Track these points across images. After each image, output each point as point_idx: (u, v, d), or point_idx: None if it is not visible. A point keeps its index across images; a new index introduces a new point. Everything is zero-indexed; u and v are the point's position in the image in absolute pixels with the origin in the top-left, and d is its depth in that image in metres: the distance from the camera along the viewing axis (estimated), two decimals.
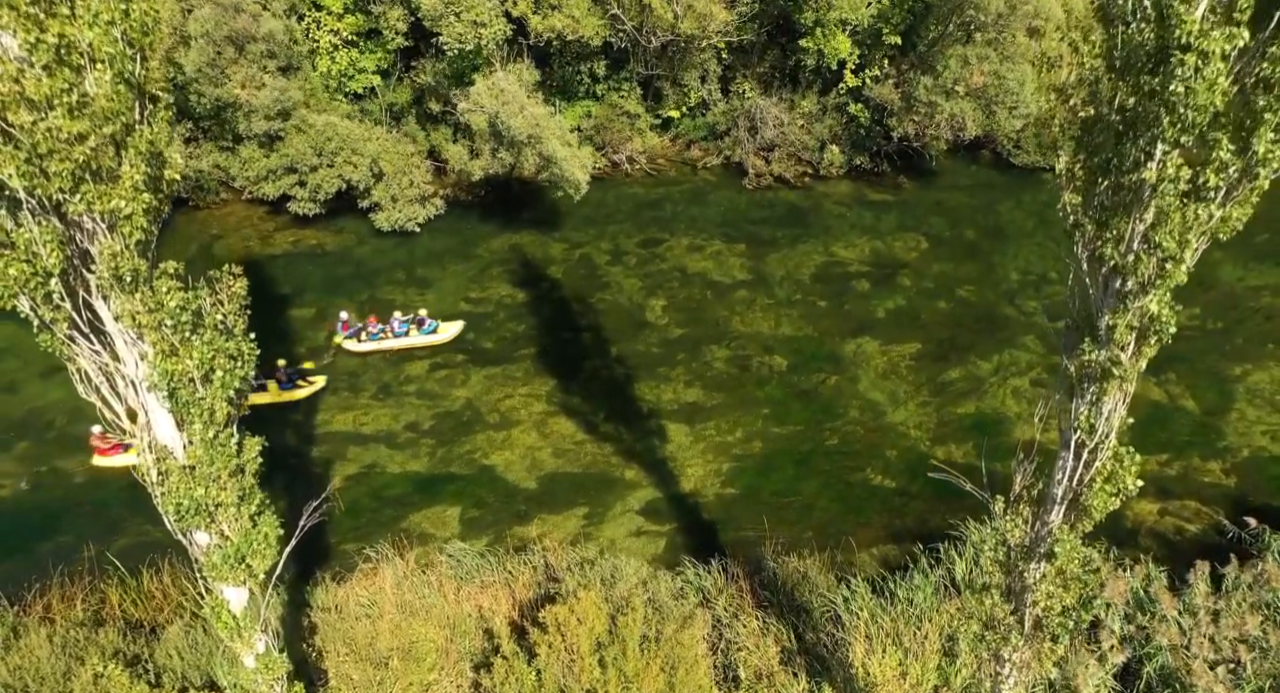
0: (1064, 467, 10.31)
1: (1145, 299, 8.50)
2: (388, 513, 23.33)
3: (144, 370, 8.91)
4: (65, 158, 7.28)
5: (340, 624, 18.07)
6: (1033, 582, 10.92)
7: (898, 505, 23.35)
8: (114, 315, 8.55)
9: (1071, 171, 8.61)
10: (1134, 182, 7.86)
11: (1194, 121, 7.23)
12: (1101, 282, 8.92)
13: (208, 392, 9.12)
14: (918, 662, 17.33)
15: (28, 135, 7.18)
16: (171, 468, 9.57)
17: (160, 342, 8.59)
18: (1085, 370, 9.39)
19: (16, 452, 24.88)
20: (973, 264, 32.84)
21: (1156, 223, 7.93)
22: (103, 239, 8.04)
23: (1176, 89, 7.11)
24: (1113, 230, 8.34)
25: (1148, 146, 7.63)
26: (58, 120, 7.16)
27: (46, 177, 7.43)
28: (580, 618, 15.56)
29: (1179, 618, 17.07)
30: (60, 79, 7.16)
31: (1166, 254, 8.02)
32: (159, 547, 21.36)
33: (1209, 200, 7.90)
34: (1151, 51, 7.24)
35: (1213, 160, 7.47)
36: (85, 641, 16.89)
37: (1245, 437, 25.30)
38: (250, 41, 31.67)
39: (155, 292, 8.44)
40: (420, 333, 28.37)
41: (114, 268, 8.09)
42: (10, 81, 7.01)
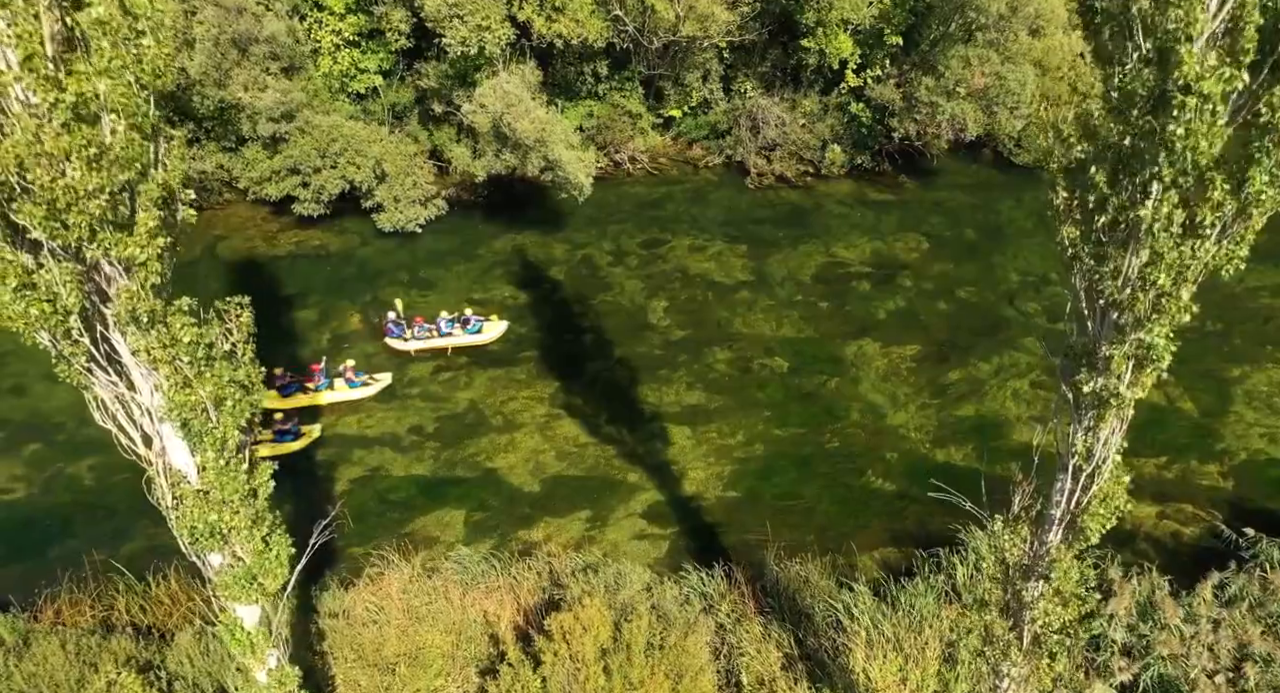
0: (1062, 489, 10.51)
1: (1143, 332, 8.68)
2: (393, 516, 23.54)
3: (158, 401, 9.10)
4: (82, 210, 7.46)
5: (348, 630, 18.30)
6: (1030, 600, 11.13)
7: (898, 509, 23.56)
8: (131, 350, 8.75)
9: (1069, 206, 8.78)
10: (1130, 219, 8.03)
11: (1193, 163, 7.38)
12: (1099, 313, 9.09)
13: (219, 421, 9.32)
14: (918, 668, 17.57)
15: (47, 191, 7.35)
16: (186, 493, 9.78)
17: (174, 375, 8.79)
18: (1083, 398, 9.58)
19: (25, 455, 25.07)
20: (973, 264, 33.00)
21: (1152, 260, 8.10)
22: (119, 280, 8.24)
23: (1176, 130, 7.26)
24: (1110, 265, 8.51)
25: (1144, 185, 7.80)
26: (75, 173, 7.32)
27: (65, 227, 7.62)
28: (585, 626, 15.78)
29: (1181, 627, 17.23)
30: (78, 135, 7.33)
31: (1162, 291, 8.20)
32: (165, 552, 21.44)
33: (1204, 237, 8.07)
34: (1151, 92, 7.38)
35: (1208, 199, 7.63)
36: (98, 647, 17.10)
37: (1243, 439, 25.51)
38: (253, 43, 31.76)
39: (170, 327, 8.64)
40: (465, 332, 28.66)
41: (131, 308, 8.28)
42: (31, 139, 7.17)
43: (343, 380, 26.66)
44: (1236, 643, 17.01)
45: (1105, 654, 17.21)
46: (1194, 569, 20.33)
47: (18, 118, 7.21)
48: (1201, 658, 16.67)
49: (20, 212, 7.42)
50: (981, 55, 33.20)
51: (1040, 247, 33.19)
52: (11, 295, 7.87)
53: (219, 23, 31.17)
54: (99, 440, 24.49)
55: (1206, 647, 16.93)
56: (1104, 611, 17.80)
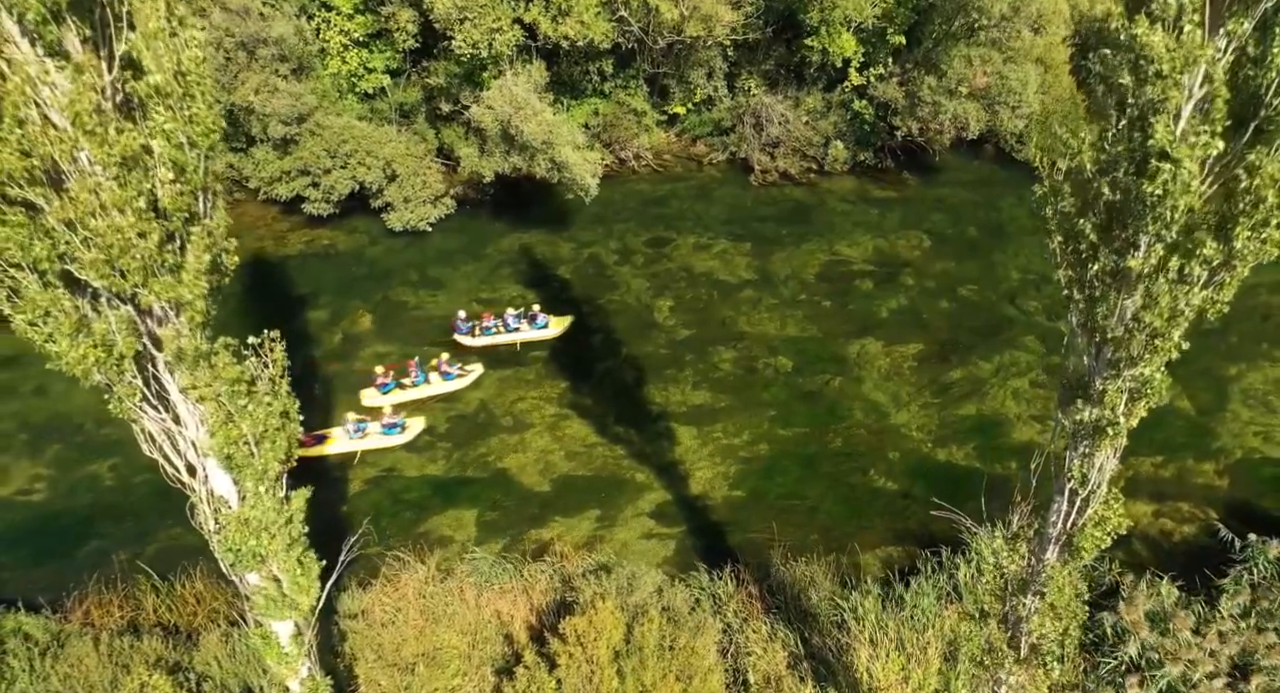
0: (1059, 510, 11.05)
1: (1138, 368, 9.19)
2: (407, 516, 24.11)
3: (203, 435, 9.64)
4: (135, 256, 7.96)
5: (368, 632, 18.90)
6: (1026, 613, 11.70)
7: (901, 508, 24.12)
8: (179, 388, 9.28)
9: (1064, 251, 9.27)
10: (1122, 267, 8.53)
11: (1173, 219, 7.89)
12: (1094, 349, 9.60)
13: (260, 454, 9.86)
14: (919, 667, 18.16)
15: (104, 240, 7.85)
16: (228, 519, 10.32)
17: (218, 411, 9.32)
18: (1079, 427, 10.09)
19: (48, 456, 25.64)
20: (974, 263, 33.45)
21: (1145, 304, 8.60)
22: (170, 322, 8.75)
23: (1155, 192, 7.76)
24: (1104, 306, 9.01)
25: (1134, 237, 8.29)
26: (129, 221, 7.81)
27: (123, 275, 8.12)
28: (599, 629, 16.36)
29: (1190, 640, 17.69)
30: (131, 188, 7.81)
31: (1155, 332, 8.70)
32: (188, 552, 22.19)
33: (1193, 283, 8.57)
34: (1133, 155, 7.87)
35: (1195, 254, 8.14)
36: (129, 649, 17.71)
37: (1239, 438, 26.03)
38: (261, 45, 32.08)
39: (214, 366, 9.15)
40: (532, 328, 29.37)
41: (178, 349, 8.79)
42: (89, 193, 7.66)
43: (437, 374, 27.54)
44: (1240, 650, 17.50)
45: (1114, 662, 17.71)
46: (1190, 568, 20.91)
47: (81, 174, 7.70)
48: (1204, 664, 17.14)
49: (80, 261, 7.94)
50: (984, 54, 33.54)
51: (1041, 245, 33.53)
52: (69, 342, 8.41)
53: (227, 26, 31.49)
54: (119, 441, 25.14)
55: (1208, 653, 17.41)
56: (1116, 620, 18.29)
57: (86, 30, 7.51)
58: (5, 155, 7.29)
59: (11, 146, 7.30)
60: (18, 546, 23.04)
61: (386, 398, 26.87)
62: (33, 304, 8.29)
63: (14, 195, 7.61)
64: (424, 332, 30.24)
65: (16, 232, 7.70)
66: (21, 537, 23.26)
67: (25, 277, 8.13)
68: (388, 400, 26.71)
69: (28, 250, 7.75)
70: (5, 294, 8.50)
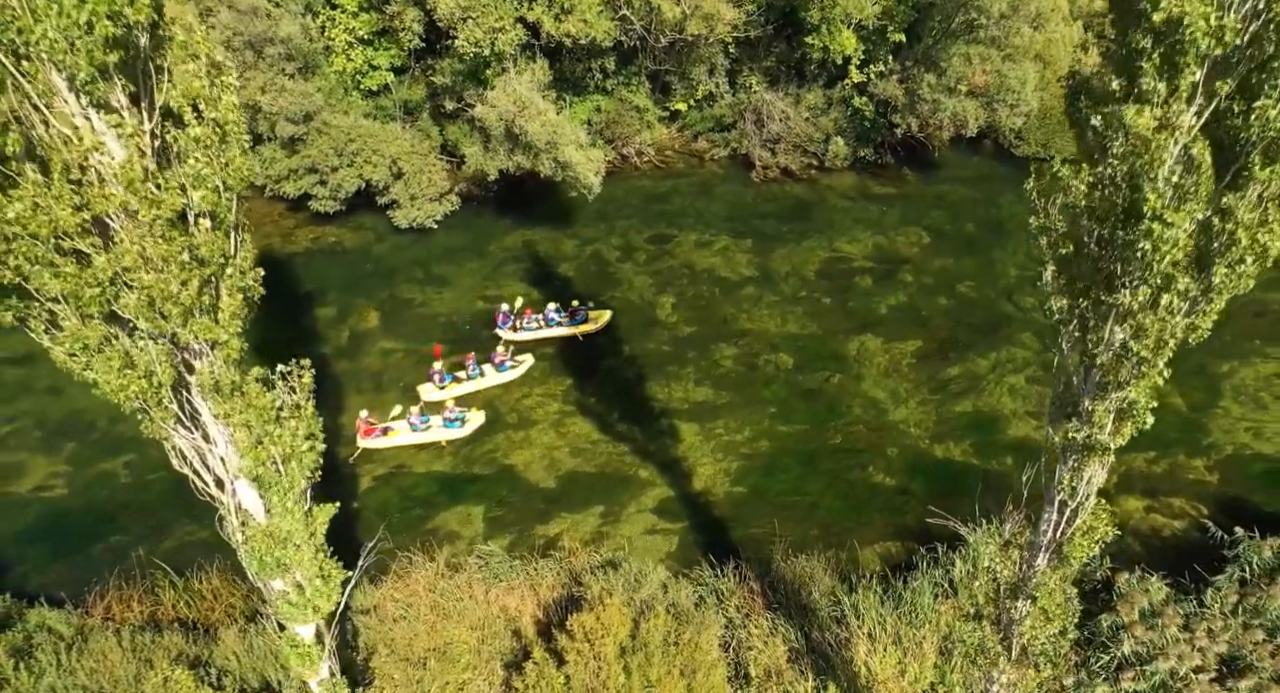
0: (1049, 520, 11.57)
1: (1124, 391, 9.70)
2: (416, 512, 24.67)
3: (233, 454, 10.17)
4: (177, 302, 8.44)
5: (380, 627, 19.48)
6: (1018, 617, 12.25)
7: (899, 504, 24.65)
8: (213, 414, 9.78)
9: (1057, 281, 9.76)
10: (1112, 301, 9.03)
11: (1160, 270, 8.41)
12: (1083, 372, 10.10)
13: (287, 471, 10.37)
14: (916, 661, 18.75)
15: (148, 291, 8.33)
16: (254, 531, 10.84)
17: (248, 436, 9.84)
18: (1068, 443, 10.61)
19: (64, 453, 26.18)
20: (973, 259, 33.88)
21: (1135, 335, 9.10)
22: (206, 355, 9.25)
23: (1144, 245, 8.28)
24: (1094, 335, 9.52)
25: (1123, 277, 8.78)
26: (174, 273, 8.30)
27: (165, 317, 8.60)
28: (606, 626, 16.92)
29: (1180, 636, 18.25)
30: (176, 244, 8.29)
31: (1142, 360, 9.21)
32: (203, 548, 22.78)
33: (1175, 313, 9.07)
34: (1123, 208, 8.37)
35: (1174, 290, 8.66)
36: (151, 644, 18.29)
37: (1229, 434, 26.52)
38: (268, 44, 32.42)
39: (245, 394, 9.66)
40: (572, 323, 30.12)
41: (214, 382, 9.30)
42: (136, 247, 8.14)
43: (492, 366, 28.37)
44: (1228, 646, 18.07)
45: (1107, 657, 18.27)
46: (1181, 564, 21.43)
47: (129, 228, 8.19)
48: (1193, 661, 17.71)
49: (126, 307, 8.43)
50: (983, 53, 33.86)
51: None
52: (115, 376, 8.90)
53: (235, 25, 31.81)
54: (133, 439, 25.64)
55: (1198, 649, 17.97)
56: (1112, 618, 18.85)
57: (131, 86, 7.95)
58: (59, 211, 7.75)
59: (65, 202, 7.76)
60: (37, 541, 23.62)
61: (444, 392, 27.59)
62: (72, 337, 8.77)
63: (66, 246, 8.09)
64: (430, 329, 30.74)
65: (69, 282, 8.19)
66: (41, 533, 23.84)
67: (65, 312, 8.60)
68: (445, 394, 27.44)
69: (79, 297, 8.25)
70: (44, 327, 8.98)
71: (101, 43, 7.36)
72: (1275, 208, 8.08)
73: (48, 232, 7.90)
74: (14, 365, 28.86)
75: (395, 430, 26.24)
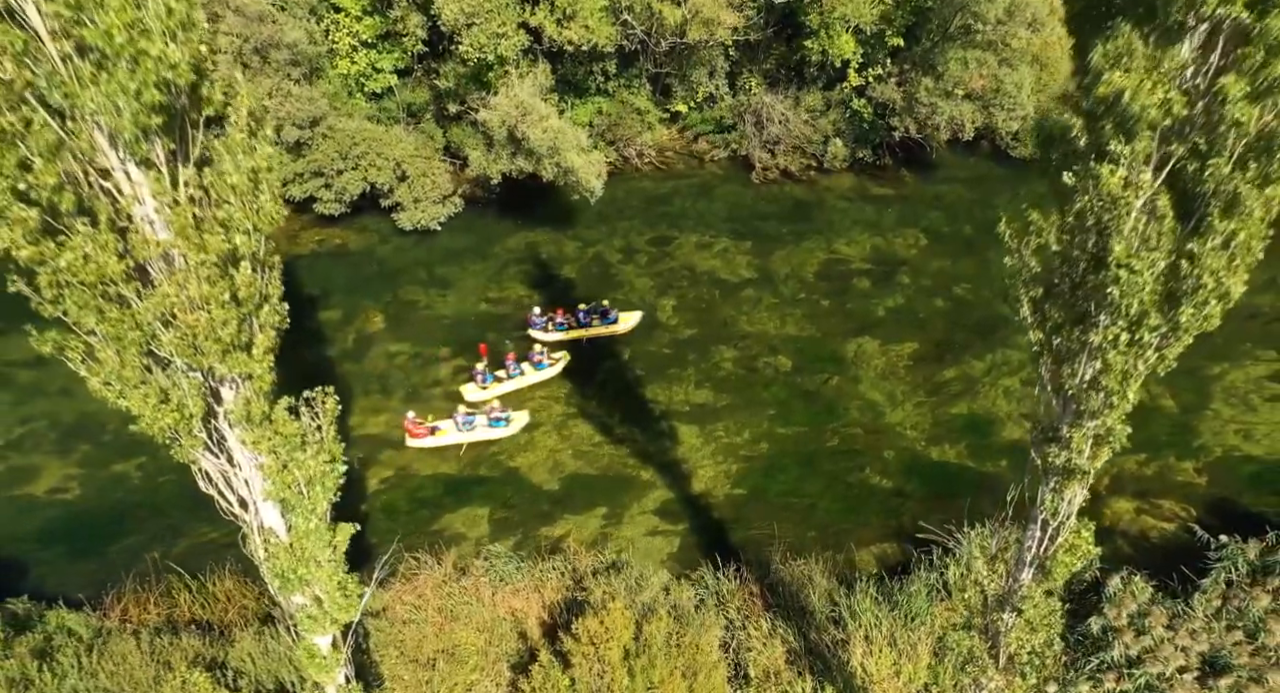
0: (1033, 536, 12.12)
1: (1099, 419, 10.24)
2: (423, 514, 25.24)
3: (258, 480, 10.73)
4: (217, 340, 8.98)
5: (389, 629, 20.07)
6: (1005, 628, 12.82)
7: (895, 506, 25.22)
8: (240, 441, 10.32)
9: (1034, 317, 10.30)
10: (1084, 340, 9.57)
11: (1126, 313, 8.96)
12: (1061, 402, 10.63)
13: (310, 494, 10.93)
14: (910, 662, 19.34)
15: (191, 330, 8.87)
16: (277, 548, 11.40)
17: (275, 461, 10.39)
18: (1049, 466, 11.15)
19: (77, 455, 26.73)
20: (969, 261, 34.34)
21: (1103, 370, 9.65)
22: (239, 386, 9.79)
23: (1112, 291, 8.83)
24: (1069, 368, 10.07)
25: (1096, 316, 9.31)
26: (216, 314, 8.84)
27: (202, 353, 9.14)
28: (610, 630, 17.51)
29: (1165, 637, 18.83)
30: (220, 287, 8.82)
31: (1110, 392, 9.75)
32: (216, 550, 23.41)
33: (1145, 347, 9.60)
34: (1092, 255, 8.92)
35: (1144, 327, 9.20)
36: (169, 646, 18.88)
37: (1219, 436, 27.04)
38: (274, 48, 32.81)
39: (274, 422, 10.20)
40: (603, 323, 30.75)
41: (246, 413, 9.85)
42: (179, 290, 8.66)
43: (530, 365, 29.07)
44: (1210, 647, 18.66)
45: (1095, 659, 18.85)
46: (1169, 566, 21.99)
47: (168, 274, 8.72)
48: (1177, 661, 18.30)
49: (165, 345, 8.96)
50: (980, 57, 34.24)
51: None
52: (151, 410, 9.45)
53: (242, 31, 32.20)
54: (144, 441, 25.94)
55: (1181, 650, 18.57)
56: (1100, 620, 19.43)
57: (171, 144, 8.46)
58: (106, 259, 8.27)
59: (110, 251, 8.28)
60: (53, 543, 24.19)
61: (486, 391, 28.28)
62: (109, 370, 9.31)
63: (112, 293, 8.62)
64: (435, 331, 31.25)
65: (114, 326, 8.72)
66: (56, 535, 24.40)
67: (104, 349, 9.13)
68: (488, 394, 28.14)
69: (124, 340, 8.80)
70: (81, 358, 9.52)
71: (148, 108, 7.87)
72: (1241, 254, 8.64)
73: (95, 278, 8.43)
74: (26, 368, 29.38)
75: (443, 430, 26.90)
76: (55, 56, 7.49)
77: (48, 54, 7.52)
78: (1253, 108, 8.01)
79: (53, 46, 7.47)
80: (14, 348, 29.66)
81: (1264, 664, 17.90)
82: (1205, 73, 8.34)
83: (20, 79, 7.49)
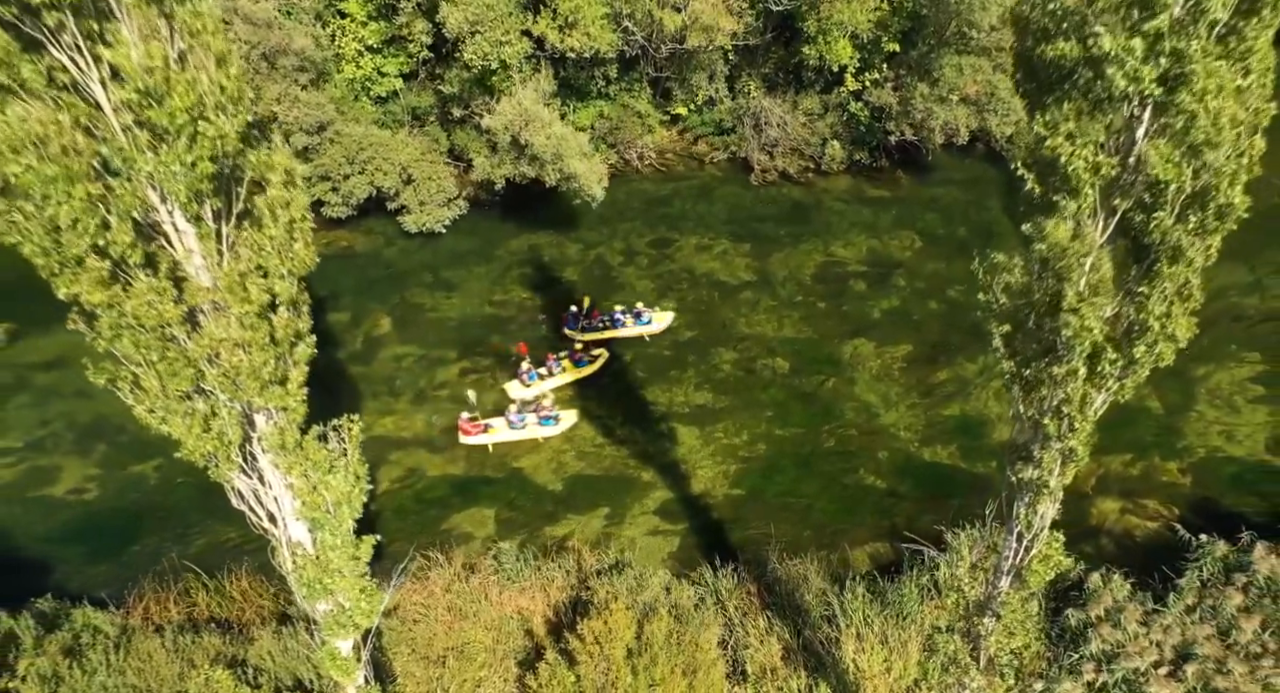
0: (1010, 547, 12.95)
1: (1065, 442, 11.06)
2: (431, 514, 26.09)
3: (285, 496, 11.56)
4: (255, 377, 9.81)
5: (400, 628, 20.93)
6: (985, 632, 13.66)
7: (888, 506, 26.05)
8: (273, 464, 11.14)
9: (1006, 348, 11.13)
10: (1050, 371, 10.42)
11: (1081, 351, 9.84)
12: (1032, 425, 11.45)
13: (337, 513, 11.75)
14: (900, 659, 20.20)
15: (235, 368, 9.68)
16: (304, 561, 12.22)
17: (305, 484, 11.22)
18: (1023, 482, 11.97)
19: (96, 456, 27.57)
20: (964, 263, 34.80)
21: (1065, 399, 10.49)
22: (274, 416, 10.62)
23: (1066, 332, 9.71)
24: (1036, 395, 10.91)
25: (1058, 352, 10.16)
26: (257, 355, 9.66)
27: (243, 390, 9.97)
28: (613, 630, 18.37)
29: (1139, 632, 19.68)
30: (261, 332, 9.63)
31: (1073, 419, 10.59)
32: (232, 549, 24.32)
33: (1107, 378, 10.43)
34: (1049, 298, 9.80)
35: (1103, 360, 10.03)
36: (192, 644, 19.75)
37: (1203, 437, 27.83)
38: (281, 55, 33.45)
39: (305, 449, 11.02)
40: (637, 323, 31.65)
41: (280, 442, 10.67)
42: (224, 333, 9.47)
43: (571, 361, 30.08)
44: (1181, 640, 19.53)
45: (1076, 654, 19.72)
46: (1151, 564, 22.81)
47: (214, 319, 9.54)
48: (1151, 655, 19.16)
49: (210, 380, 9.79)
50: (974, 63, 34.89)
51: None
52: (194, 438, 10.27)
53: (250, 37, 32.83)
54: (160, 442, 26.77)
55: (1155, 644, 19.44)
56: (1079, 615, 20.29)
57: (218, 203, 9.25)
58: (166, 306, 9.09)
59: (168, 298, 9.09)
60: (75, 543, 25.06)
61: (530, 389, 29.17)
62: (154, 399, 10.14)
63: (167, 333, 9.42)
64: (441, 334, 32.03)
65: (172, 364, 9.54)
66: (78, 535, 25.28)
67: (149, 379, 9.95)
68: (531, 391, 29.04)
69: (178, 376, 9.62)
70: (129, 387, 10.33)
71: (201, 175, 8.67)
72: (1178, 303, 9.51)
73: (155, 322, 9.26)
74: (43, 370, 30.18)
75: (494, 428, 27.78)
76: (117, 128, 8.26)
77: (109, 125, 8.30)
78: (1178, 169, 8.83)
79: (114, 119, 8.24)
80: (31, 351, 30.53)
81: (1227, 655, 18.74)
82: (1137, 137, 9.17)
83: (89, 149, 8.27)
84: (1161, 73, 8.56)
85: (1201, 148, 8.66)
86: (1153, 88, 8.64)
